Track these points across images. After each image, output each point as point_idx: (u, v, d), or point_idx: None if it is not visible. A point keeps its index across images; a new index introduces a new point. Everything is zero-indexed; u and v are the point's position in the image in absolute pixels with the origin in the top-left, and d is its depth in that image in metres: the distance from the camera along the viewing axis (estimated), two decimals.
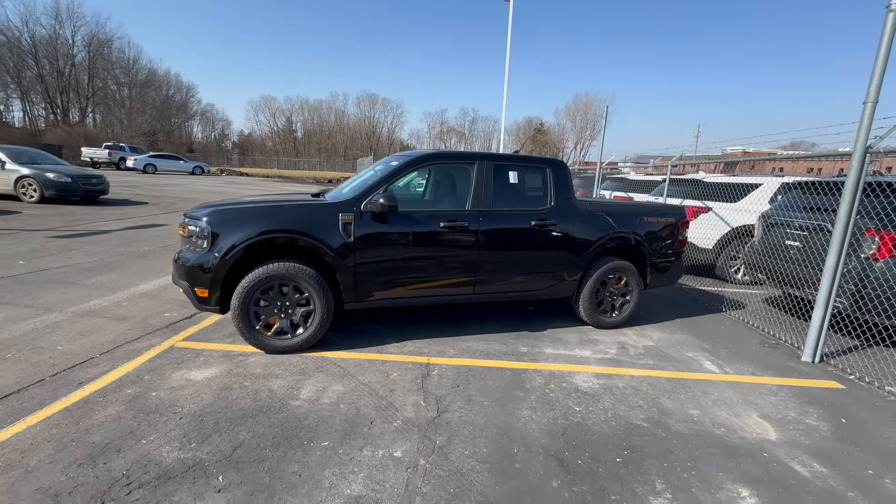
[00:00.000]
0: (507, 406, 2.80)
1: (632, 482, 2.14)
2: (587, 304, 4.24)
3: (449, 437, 2.43)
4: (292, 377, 3.00)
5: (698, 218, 7.00)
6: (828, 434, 2.69)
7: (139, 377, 2.86)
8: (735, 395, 3.12)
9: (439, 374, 3.19)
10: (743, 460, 2.37)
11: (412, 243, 3.56)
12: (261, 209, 3.34)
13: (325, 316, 3.36)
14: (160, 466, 2.04)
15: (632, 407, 2.88)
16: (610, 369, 3.44)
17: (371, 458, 2.21)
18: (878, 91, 3.34)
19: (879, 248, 3.97)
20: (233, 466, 2.07)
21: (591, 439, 2.49)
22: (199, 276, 3.17)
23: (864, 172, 3.49)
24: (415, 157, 3.76)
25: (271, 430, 2.39)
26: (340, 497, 1.93)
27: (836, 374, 3.62)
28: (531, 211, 3.94)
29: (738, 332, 4.52)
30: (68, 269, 5.27)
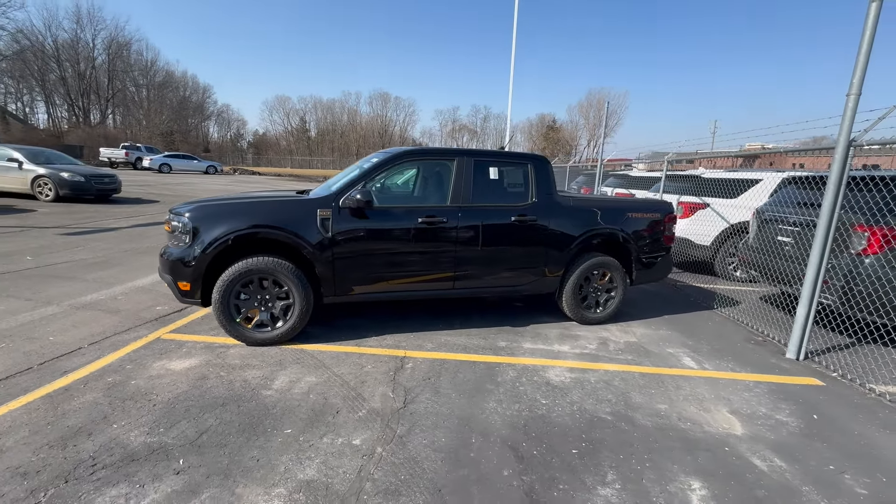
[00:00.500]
0: (474, 398, 2.84)
1: (583, 472, 2.17)
2: (570, 300, 4.25)
3: (410, 426, 2.49)
4: (268, 368, 3.08)
5: (696, 214, 6.92)
6: (796, 430, 2.67)
7: (121, 366, 2.99)
8: (708, 391, 3.10)
9: (413, 366, 3.25)
10: (702, 454, 2.38)
11: (390, 238, 3.62)
12: (240, 205, 3.44)
13: (304, 309, 3.44)
14: (126, 449, 2.14)
15: (600, 401, 2.89)
16: (585, 364, 3.45)
17: (330, 445, 2.28)
18: (861, 84, 3.27)
19: (869, 244, 3.89)
20: (195, 451, 2.16)
21: (551, 431, 2.52)
22: (181, 269, 3.28)
23: (847, 166, 3.42)
24: (393, 154, 3.82)
25: (238, 417, 2.48)
26: (293, 481, 2.00)
27: (819, 371, 3.56)
28: (512, 206, 3.97)
29: (725, 329, 4.47)
30: (72, 265, 5.47)
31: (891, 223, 3.78)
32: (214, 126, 71.74)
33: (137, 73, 54.64)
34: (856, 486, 2.17)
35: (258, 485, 1.96)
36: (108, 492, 1.86)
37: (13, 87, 46.63)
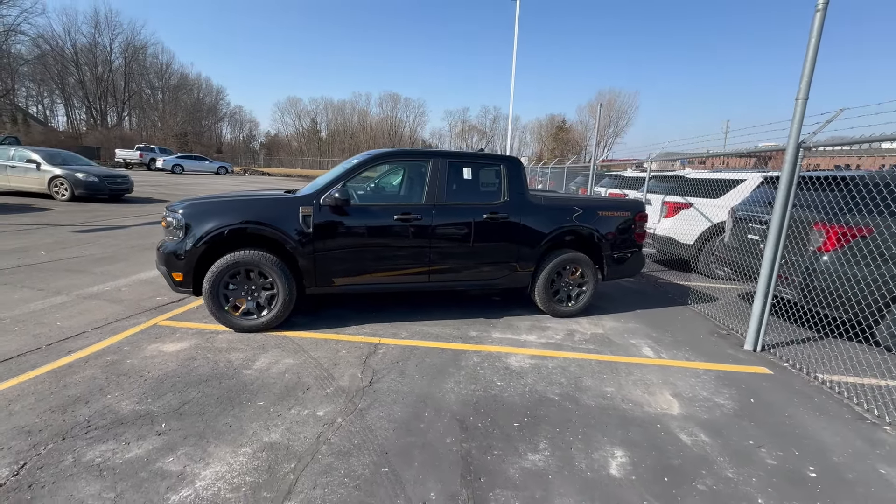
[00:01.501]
0: (435, 380, 3.11)
1: (518, 442, 2.42)
2: (542, 294, 4.48)
3: (371, 402, 2.76)
4: (251, 351, 3.38)
5: (679, 213, 7.09)
6: (729, 411, 2.88)
7: (120, 348, 3.31)
8: (657, 377, 3.32)
9: (385, 352, 3.52)
10: (634, 429, 2.61)
11: (368, 234, 3.90)
12: (229, 203, 3.74)
13: (287, 299, 3.73)
14: (117, 415, 2.45)
15: (552, 384, 3.14)
16: (547, 352, 3.69)
17: (296, 415, 2.56)
18: (808, 88, 3.46)
19: (826, 242, 4.06)
20: (176, 417, 2.46)
21: (499, 408, 2.77)
22: (174, 262, 3.60)
23: (797, 167, 3.61)
24: (371, 155, 4.10)
25: (219, 391, 2.78)
26: (258, 443, 2.28)
27: (772, 361, 3.75)
28: (484, 205, 4.22)
29: (693, 323, 4.67)
30: (82, 259, 5.85)
31: (848, 221, 3.95)
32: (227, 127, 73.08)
33: (153, 75, 56.02)
34: (767, 458, 2.39)
35: (228, 445, 2.25)
36: (98, 447, 2.16)
37: (34, 90, 48.22)
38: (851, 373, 3.50)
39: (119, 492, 1.89)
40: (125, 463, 2.07)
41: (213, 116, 66.87)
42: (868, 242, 3.84)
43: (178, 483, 1.96)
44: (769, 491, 2.12)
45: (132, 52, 52.28)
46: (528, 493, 2.02)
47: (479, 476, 2.12)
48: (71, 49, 47.34)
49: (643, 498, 2.03)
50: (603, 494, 2.04)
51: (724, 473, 2.23)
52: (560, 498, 2.00)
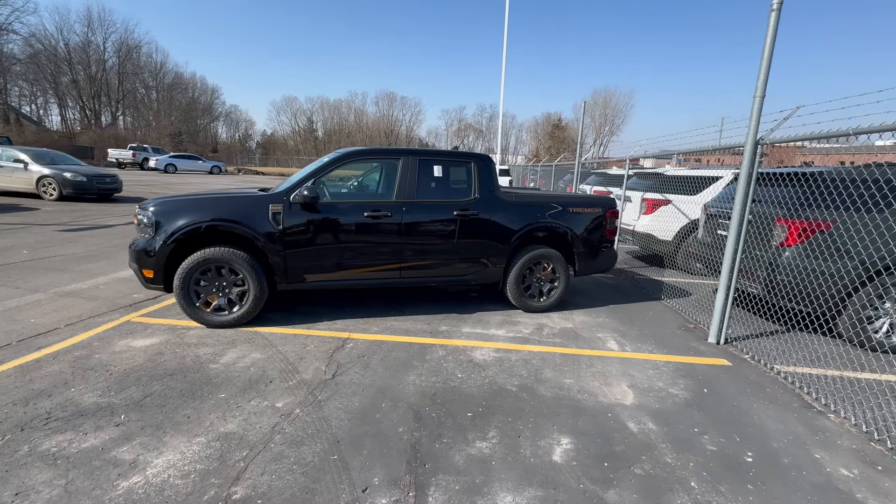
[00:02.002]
0: (398, 373, 3.18)
1: (469, 431, 2.49)
2: (514, 290, 4.56)
3: (331, 394, 2.83)
4: (220, 346, 3.45)
5: (658, 210, 7.18)
6: (681, 401, 2.96)
7: (90, 343, 3.37)
8: (617, 369, 3.40)
9: (352, 346, 3.59)
10: (584, 419, 2.69)
11: (338, 231, 3.97)
12: (200, 201, 3.80)
13: (258, 295, 3.80)
14: (78, 407, 2.51)
15: (512, 376, 3.21)
16: (513, 346, 3.77)
17: (255, 407, 2.63)
18: (765, 86, 3.54)
19: (788, 236, 4.15)
20: (137, 409, 2.53)
21: (455, 399, 2.84)
22: (145, 259, 3.66)
23: (756, 163, 3.69)
24: (342, 153, 4.16)
25: (182, 384, 2.84)
26: (214, 433, 2.35)
27: (734, 353, 3.84)
28: (454, 202, 4.29)
29: (663, 318, 4.75)
30: (64, 258, 5.90)
31: (808, 217, 4.04)
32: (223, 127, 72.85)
33: (147, 74, 55.76)
34: (709, 444, 2.47)
35: (183, 435, 2.32)
36: (55, 438, 2.23)
37: (27, 90, 47.91)
38: (808, 364, 3.59)
39: (70, 479, 1.95)
40: (80, 452, 2.13)
41: (208, 116, 66.66)
42: (827, 237, 3.93)
43: (129, 471, 2.03)
44: (703, 475, 2.20)
45: (126, 52, 52.05)
46: (470, 477, 2.10)
47: (424, 462, 2.20)
48: (64, 48, 47.09)
49: (580, 482, 2.11)
50: (542, 479, 2.12)
51: (664, 459, 2.31)
52: (499, 482, 2.08)
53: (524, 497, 1.99)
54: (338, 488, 1.99)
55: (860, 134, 2.75)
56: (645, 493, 2.05)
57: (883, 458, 2.42)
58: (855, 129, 2.78)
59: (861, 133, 2.74)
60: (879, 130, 2.64)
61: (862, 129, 2.73)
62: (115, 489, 1.91)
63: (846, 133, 2.86)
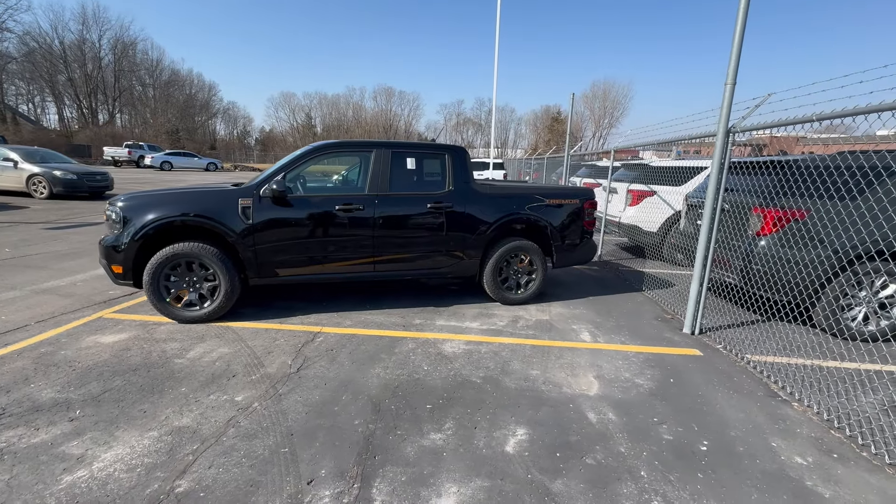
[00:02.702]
0: (363, 366, 3.17)
1: (426, 423, 2.48)
2: (490, 282, 4.54)
3: (293, 387, 2.82)
4: (188, 341, 3.44)
5: (643, 201, 7.14)
6: (645, 391, 2.95)
7: (57, 340, 3.37)
8: (586, 360, 3.39)
9: (322, 340, 3.59)
10: (544, 409, 2.68)
11: (310, 225, 3.94)
12: (169, 196, 3.79)
13: (229, 290, 3.79)
14: (34, 402, 2.51)
15: (478, 368, 3.20)
16: (484, 338, 3.76)
17: (214, 401, 2.63)
18: (736, 73, 3.50)
19: (764, 225, 4.12)
20: (93, 404, 2.53)
21: (417, 391, 2.84)
22: (114, 255, 3.65)
23: (728, 152, 3.66)
24: (313, 147, 4.13)
25: (144, 379, 2.84)
26: (167, 427, 2.35)
27: (707, 343, 3.82)
28: (428, 194, 4.26)
29: (641, 309, 4.73)
30: (46, 256, 5.90)
31: (784, 205, 4.00)
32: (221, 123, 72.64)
33: (143, 72, 55.57)
34: (666, 433, 2.46)
35: (136, 429, 2.31)
36: (5, 433, 2.23)
37: (24, 89, 47.83)
38: (780, 354, 3.57)
39: (14, 474, 1.95)
40: (28, 447, 2.13)
41: (205, 112, 66.46)
42: (802, 225, 3.90)
43: (75, 465, 2.02)
44: (655, 464, 2.19)
45: (121, 49, 51.86)
46: (418, 469, 2.10)
47: (375, 454, 2.19)
48: (59, 46, 46.94)
49: (528, 472, 2.10)
50: (490, 469, 2.11)
51: (617, 448, 2.31)
52: (447, 473, 2.07)
53: (469, 488, 1.98)
54: (283, 480, 1.99)
55: (822, 119, 2.72)
56: (592, 482, 2.05)
57: (840, 446, 2.41)
58: (818, 115, 2.75)
59: (824, 119, 2.71)
60: (841, 115, 2.60)
61: (825, 114, 2.70)
62: (58, 483, 1.91)
63: (810, 119, 2.83)
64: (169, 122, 52.08)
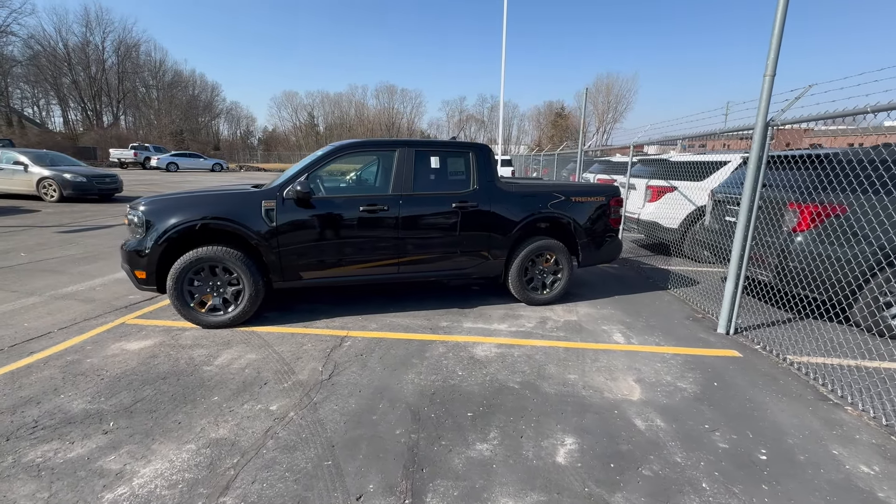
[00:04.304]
0: (396, 371, 3.09)
1: (469, 431, 2.40)
2: (516, 282, 4.44)
3: (327, 395, 2.74)
4: (215, 347, 3.37)
5: (664, 197, 7.01)
6: (690, 395, 2.85)
7: (82, 347, 3.30)
8: (623, 363, 3.29)
9: (350, 344, 3.50)
10: (589, 416, 2.58)
11: (333, 227, 3.86)
12: (190, 199, 3.71)
13: (253, 294, 3.71)
14: (66, 414, 2.44)
15: (514, 372, 3.11)
16: (515, 340, 3.66)
17: (248, 410, 2.55)
18: (776, 64, 3.37)
19: (800, 221, 4.00)
20: (126, 415, 2.45)
21: (455, 398, 2.75)
22: (137, 259, 3.57)
23: (766, 146, 3.54)
24: (336, 146, 4.04)
25: (175, 388, 2.76)
26: (205, 439, 2.27)
27: (744, 344, 3.71)
28: (453, 193, 4.16)
29: (669, 308, 4.63)
30: (62, 260, 5.85)
31: (822, 201, 3.88)
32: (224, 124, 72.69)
33: (147, 73, 55.61)
34: (720, 441, 2.36)
35: (173, 441, 2.24)
36: (41, 447, 2.16)
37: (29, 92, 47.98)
38: (822, 354, 3.46)
39: (53, 491, 1.88)
40: (65, 462, 2.06)
41: (209, 113, 66.52)
42: (842, 221, 3.77)
43: (115, 482, 1.95)
44: (715, 475, 2.09)
45: (125, 51, 51.90)
46: (469, 482, 2.01)
47: (422, 467, 2.11)
48: (63, 49, 47.03)
49: (585, 484, 2.01)
50: (545, 482, 2.02)
51: (673, 458, 2.21)
52: (500, 487, 1.99)
53: (526, 503, 1.89)
54: (331, 496, 1.91)
55: (879, 111, 2.59)
56: (654, 495, 1.95)
57: None
58: (874, 107, 2.62)
59: (880, 110, 2.59)
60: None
61: (881, 105, 2.57)
62: (100, 501, 1.84)
63: (864, 111, 2.71)
64: (173, 124, 52.13)
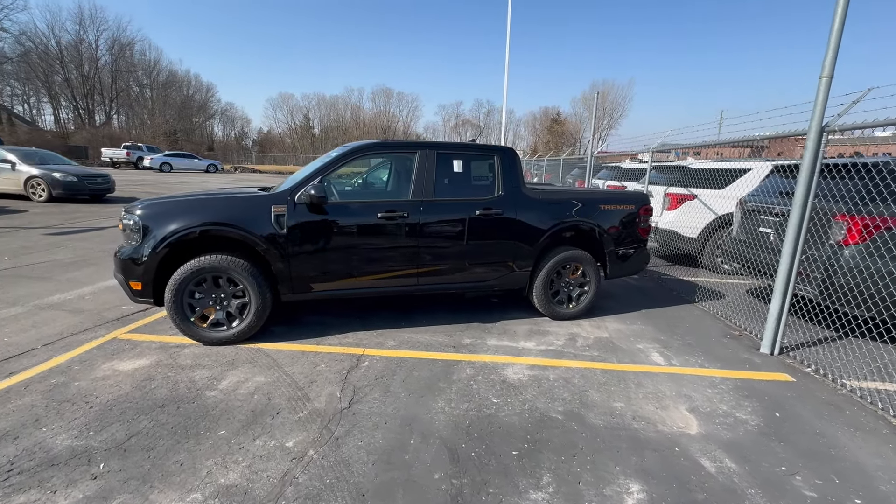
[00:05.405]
0: (423, 398, 2.77)
1: (518, 475, 2.08)
2: (541, 295, 4.15)
3: (350, 428, 2.42)
4: (218, 368, 3.03)
5: (683, 205, 6.77)
6: (754, 429, 2.56)
7: (69, 368, 2.95)
8: (670, 388, 3.00)
9: (368, 365, 3.18)
10: (649, 455, 2.28)
11: (349, 234, 3.54)
12: (191, 202, 3.37)
13: (260, 308, 3.37)
14: (48, 454, 2.09)
15: (553, 399, 2.80)
16: (547, 361, 3.36)
17: (261, 447, 2.21)
18: (834, 66, 3.12)
19: (849, 234, 3.74)
20: (119, 455, 2.11)
21: (495, 431, 2.43)
22: (132, 269, 3.23)
23: (821, 153, 3.28)
24: (352, 147, 3.73)
25: (174, 419, 2.42)
26: (212, 486, 1.94)
27: (793, 366, 3.44)
28: (477, 200, 3.86)
29: (702, 324, 4.35)
30: (49, 265, 5.46)
31: (872, 212, 3.63)
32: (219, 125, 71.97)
33: (141, 72, 54.88)
34: (805, 488, 2.07)
35: (175, 490, 1.90)
36: (15, 499, 1.81)
37: (19, 90, 47.09)
38: (881, 378, 3.19)
39: None
40: None
41: (203, 114, 65.76)
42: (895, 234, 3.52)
43: None
44: None
45: (119, 49, 51.16)
46: None
47: None
48: (55, 47, 46.24)
49: None
50: None
51: None
52: None
53: None
54: None
55: None
56: None
57: None
58: None
59: None
60: None
61: None
62: None
63: None
64: (167, 123, 51.42)
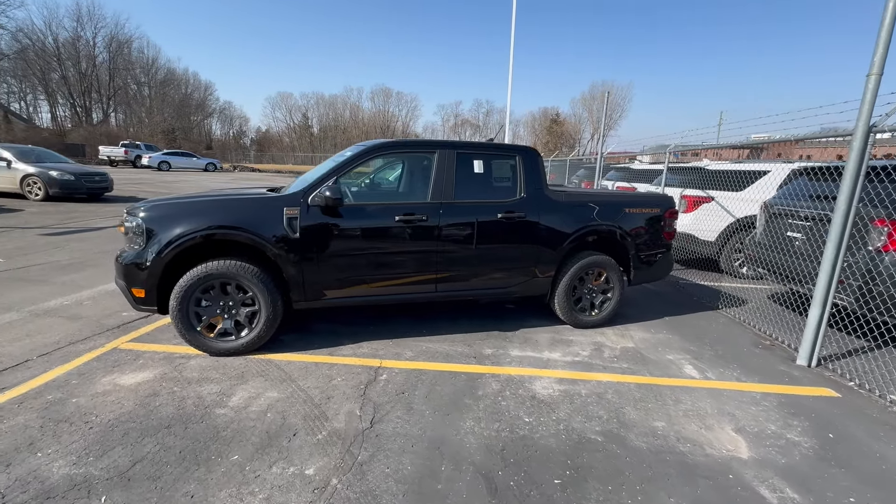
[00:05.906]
0: (450, 416, 2.57)
1: None
2: (563, 302, 3.95)
3: (374, 452, 2.22)
4: (227, 382, 2.82)
5: (700, 208, 6.59)
6: (809, 452, 2.37)
7: (67, 382, 2.74)
8: (711, 405, 2.81)
9: (387, 378, 2.98)
10: (702, 483, 2.09)
11: (365, 238, 3.34)
12: (198, 204, 3.16)
13: (270, 316, 3.17)
14: (43, 484, 1.88)
15: (589, 418, 2.61)
16: (576, 374, 3.17)
17: (279, 476, 2.01)
18: (884, 62, 2.94)
19: (890, 240, 3.56)
20: (122, 485, 1.90)
21: (532, 456, 2.24)
22: (135, 275, 3.02)
23: (867, 154, 3.10)
24: (368, 146, 3.53)
25: (182, 441, 2.22)
26: None
27: (834, 380, 3.26)
28: (498, 202, 3.67)
29: (730, 332, 4.16)
30: (46, 267, 5.24)
31: None
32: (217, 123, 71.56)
33: (139, 70, 54.46)
34: None
35: None
36: None
37: (16, 87, 46.61)
38: None
39: None
40: None
41: (201, 112, 65.35)
42: None
43: None
44: None
45: (116, 47, 50.72)
46: None
47: None
48: (53, 44, 45.80)
49: None
50: None
51: None
52: None
53: None
54: None
55: None
56: None
57: None
58: None
59: None
60: None
61: None
62: None
63: None
64: (165, 122, 51.10)
